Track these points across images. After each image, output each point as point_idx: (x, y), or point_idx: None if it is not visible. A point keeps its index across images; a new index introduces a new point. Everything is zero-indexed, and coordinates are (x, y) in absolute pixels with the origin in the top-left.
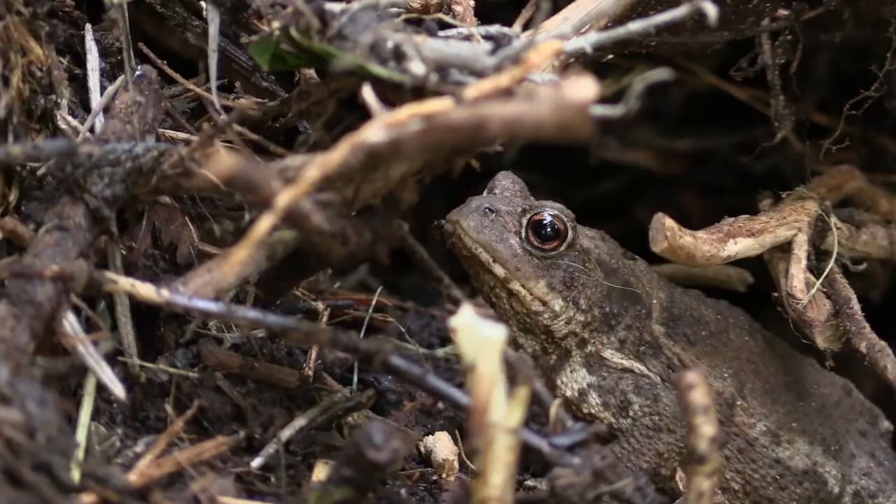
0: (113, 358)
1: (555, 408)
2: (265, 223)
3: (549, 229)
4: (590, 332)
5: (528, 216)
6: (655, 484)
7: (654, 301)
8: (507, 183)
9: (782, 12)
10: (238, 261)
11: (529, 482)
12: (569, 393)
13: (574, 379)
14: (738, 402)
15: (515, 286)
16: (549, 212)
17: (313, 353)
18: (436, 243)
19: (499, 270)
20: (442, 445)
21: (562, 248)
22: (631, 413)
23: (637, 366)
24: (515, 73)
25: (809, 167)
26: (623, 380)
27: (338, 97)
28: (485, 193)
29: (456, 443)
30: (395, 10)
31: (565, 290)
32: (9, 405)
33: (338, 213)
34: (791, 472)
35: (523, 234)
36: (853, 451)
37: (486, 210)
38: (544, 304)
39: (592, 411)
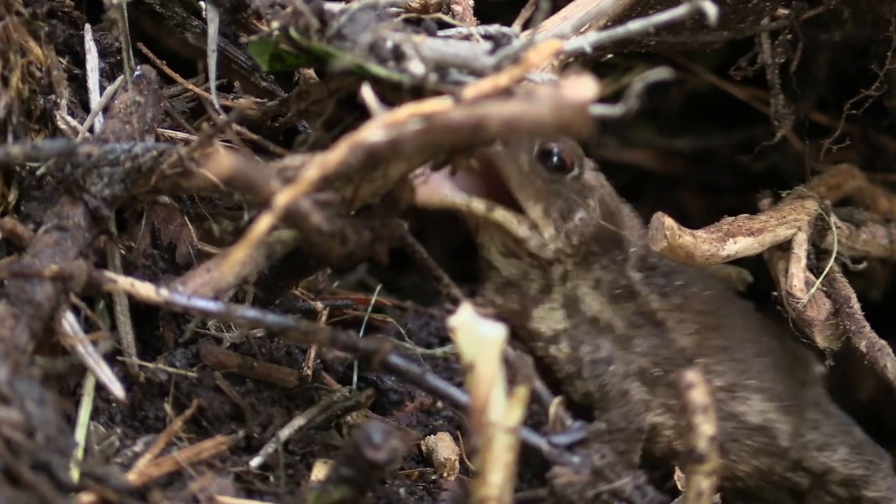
0: (112, 357)
1: (554, 407)
2: (264, 222)
3: (555, 158)
4: (572, 264)
5: (539, 142)
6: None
7: (633, 249)
8: None
9: (782, 11)
10: (237, 260)
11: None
12: (542, 328)
13: (552, 318)
14: (699, 360)
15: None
16: (558, 145)
17: (312, 353)
18: (435, 242)
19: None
20: (443, 445)
21: (567, 179)
22: (595, 372)
23: (607, 313)
24: (514, 73)
25: (809, 166)
26: (584, 345)
27: (337, 97)
28: None
29: (457, 442)
30: (394, 9)
31: (559, 220)
32: (8, 405)
33: (337, 212)
34: (745, 427)
35: (533, 155)
36: (801, 405)
37: None
38: (535, 227)
39: (559, 356)
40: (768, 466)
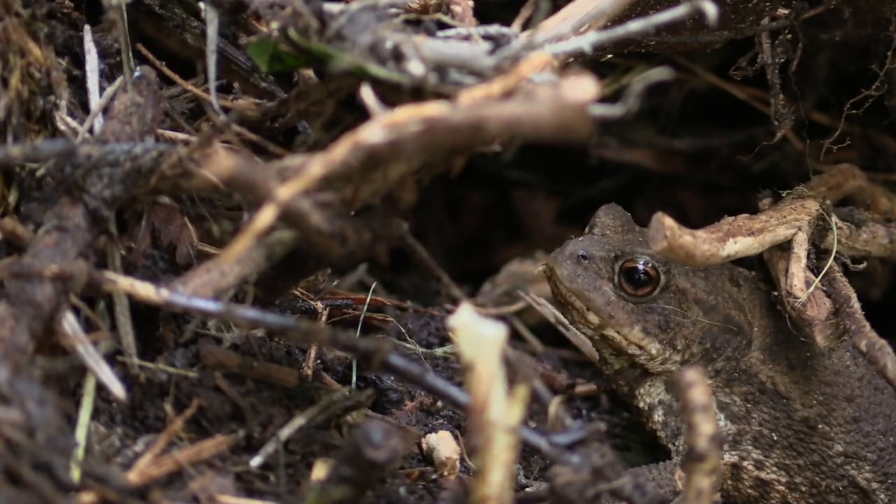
0: (112, 358)
1: (554, 406)
2: (266, 215)
3: (641, 276)
4: (686, 366)
5: (621, 263)
6: None
7: (756, 328)
8: (607, 220)
9: (782, 11)
10: (238, 252)
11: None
12: (642, 404)
13: (650, 392)
14: (822, 427)
15: (610, 332)
16: (641, 259)
17: (312, 353)
18: (434, 242)
19: (593, 318)
20: (444, 444)
21: (655, 293)
22: (678, 444)
23: (722, 396)
24: (508, 82)
25: (809, 166)
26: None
27: (336, 97)
28: (586, 230)
29: (458, 441)
30: (393, 10)
31: (661, 333)
32: (8, 405)
33: (337, 213)
34: (852, 486)
35: (616, 281)
36: None
37: (580, 257)
38: (641, 348)
39: (654, 426)
40: None
